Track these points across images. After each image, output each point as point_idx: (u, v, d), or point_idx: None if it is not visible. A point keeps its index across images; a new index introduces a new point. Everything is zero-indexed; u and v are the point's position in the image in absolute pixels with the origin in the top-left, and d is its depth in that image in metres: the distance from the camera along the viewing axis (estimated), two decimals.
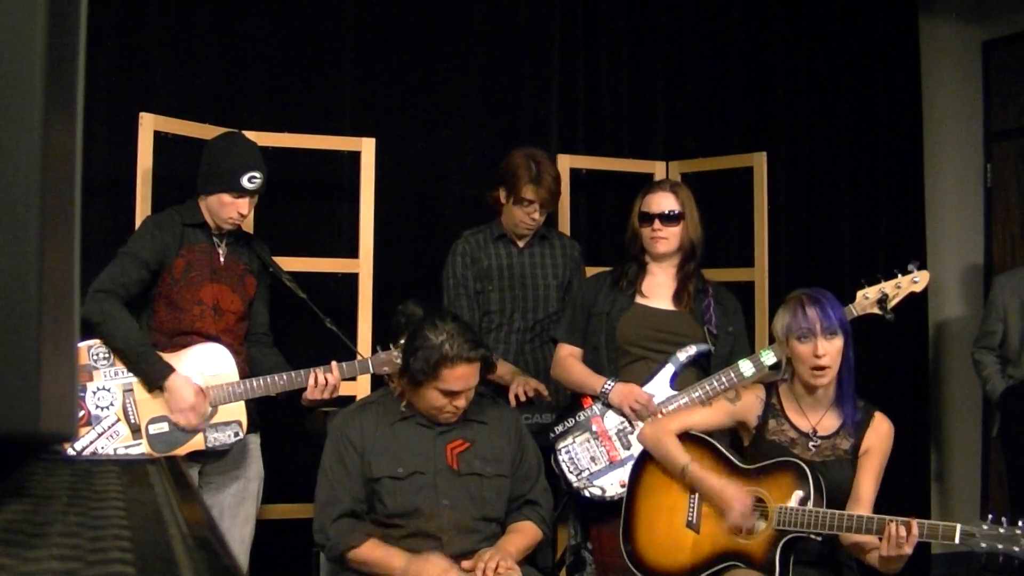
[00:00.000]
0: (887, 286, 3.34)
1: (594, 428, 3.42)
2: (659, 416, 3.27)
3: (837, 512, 2.75)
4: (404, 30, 4.38)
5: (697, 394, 3.30)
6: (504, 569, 2.73)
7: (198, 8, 4.03)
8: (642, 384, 3.38)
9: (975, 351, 4.82)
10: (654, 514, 3.05)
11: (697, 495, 2.98)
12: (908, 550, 2.62)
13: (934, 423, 5.43)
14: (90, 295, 3.14)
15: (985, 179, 5.61)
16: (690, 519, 2.98)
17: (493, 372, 3.01)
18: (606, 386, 3.39)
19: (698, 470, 2.95)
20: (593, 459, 3.39)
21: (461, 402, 2.89)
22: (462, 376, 2.85)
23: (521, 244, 3.87)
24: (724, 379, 3.30)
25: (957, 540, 2.61)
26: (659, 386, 3.38)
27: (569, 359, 3.52)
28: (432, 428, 2.95)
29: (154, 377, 3.18)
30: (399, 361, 3.02)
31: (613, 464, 3.37)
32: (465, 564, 2.77)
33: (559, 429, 3.44)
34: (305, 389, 3.29)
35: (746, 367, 3.30)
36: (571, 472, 3.40)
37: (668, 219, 3.45)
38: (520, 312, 3.83)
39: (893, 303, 3.34)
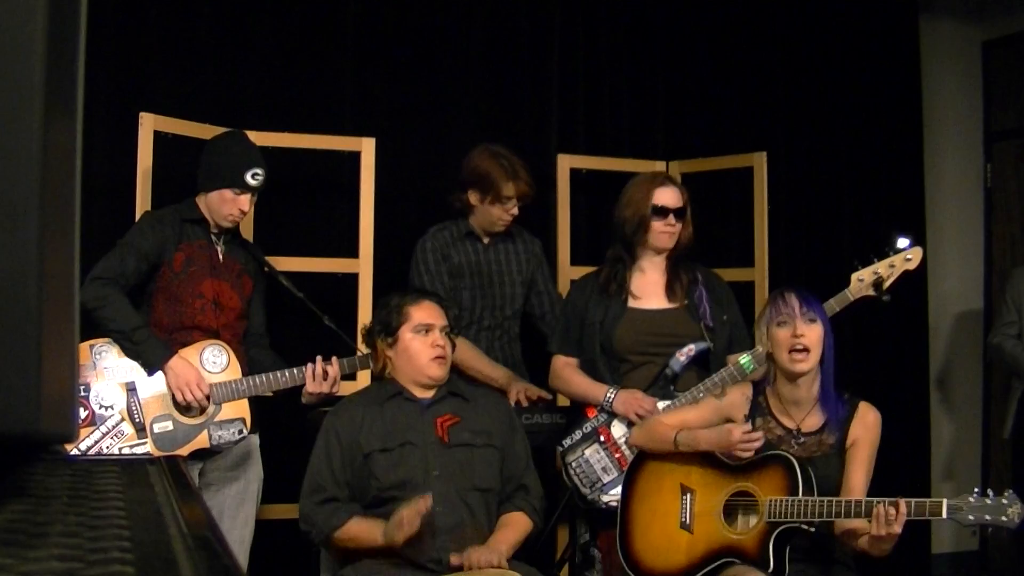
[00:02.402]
0: (880, 267, 3.30)
1: (602, 438, 3.40)
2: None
3: (826, 499, 2.77)
4: (404, 30, 4.38)
5: (700, 394, 3.29)
6: (487, 566, 2.74)
7: (198, 8, 4.03)
8: (644, 389, 3.36)
9: (994, 337, 4.63)
10: (648, 519, 3.05)
11: (689, 496, 2.99)
12: (897, 529, 2.64)
13: (935, 423, 5.43)
14: (87, 282, 3.14)
15: (985, 179, 5.60)
16: (683, 520, 2.98)
17: (459, 333, 3.16)
18: (608, 395, 3.37)
19: (689, 432, 2.97)
20: (604, 469, 3.37)
21: (440, 339, 2.98)
22: (428, 309, 3.03)
23: (487, 241, 3.86)
24: (726, 375, 3.29)
25: (944, 515, 2.64)
26: (660, 391, 3.37)
27: (567, 369, 3.49)
28: (419, 403, 2.99)
29: (154, 359, 3.18)
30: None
31: (625, 473, 3.35)
32: (453, 560, 2.79)
33: (567, 443, 3.41)
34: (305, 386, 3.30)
35: (747, 361, 3.28)
36: (584, 485, 3.38)
37: (679, 214, 3.43)
38: (488, 310, 3.82)
39: (888, 283, 3.29)
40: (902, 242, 3.31)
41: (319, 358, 3.28)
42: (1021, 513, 2.61)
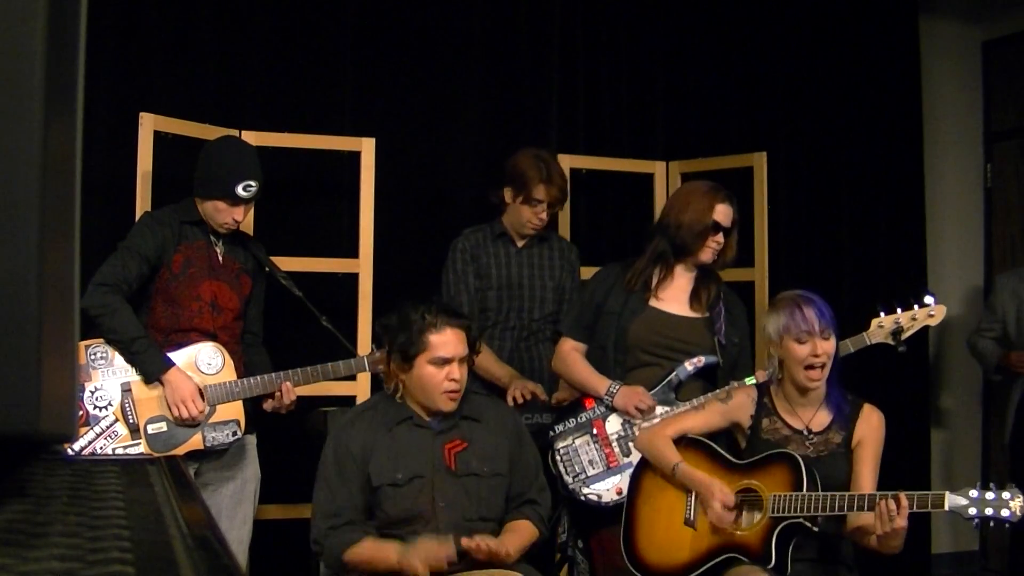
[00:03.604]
0: (903, 317, 3.33)
1: (595, 431, 3.39)
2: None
3: (829, 493, 2.77)
4: (404, 30, 4.38)
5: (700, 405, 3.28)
6: (501, 550, 2.73)
7: (198, 8, 4.03)
8: (647, 390, 3.36)
9: (971, 338, 4.87)
10: (653, 516, 3.06)
11: (694, 492, 2.99)
12: (902, 523, 2.65)
13: (935, 424, 5.43)
14: (91, 288, 3.14)
15: (985, 179, 5.60)
16: (688, 516, 2.99)
17: (478, 351, 3.04)
18: (612, 389, 3.37)
19: (687, 467, 2.98)
20: (591, 462, 3.37)
21: (456, 372, 2.88)
22: (450, 340, 2.88)
23: (520, 244, 3.88)
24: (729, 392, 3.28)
25: (947, 507, 2.65)
26: (663, 395, 3.37)
27: (573, 354, 3.49)
28: (429, 429, 2.94)
29: (154, 370, 3.18)
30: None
31: (611, 469, 3.34)
32: (464, 542, 2.74)
33: (559, 428, 3.42)
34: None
35: (751, 383, 3.29)
36: (567, 473, 3.37)
37: (727, 233, 3.43)
38: (516, 312, 3.83)
39: (907, 335, 3.34)
40: (928, 299, 3.36)
41: (288, 384, 3.30)
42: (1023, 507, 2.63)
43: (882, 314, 3.35)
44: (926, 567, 5.15)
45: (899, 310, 3.34)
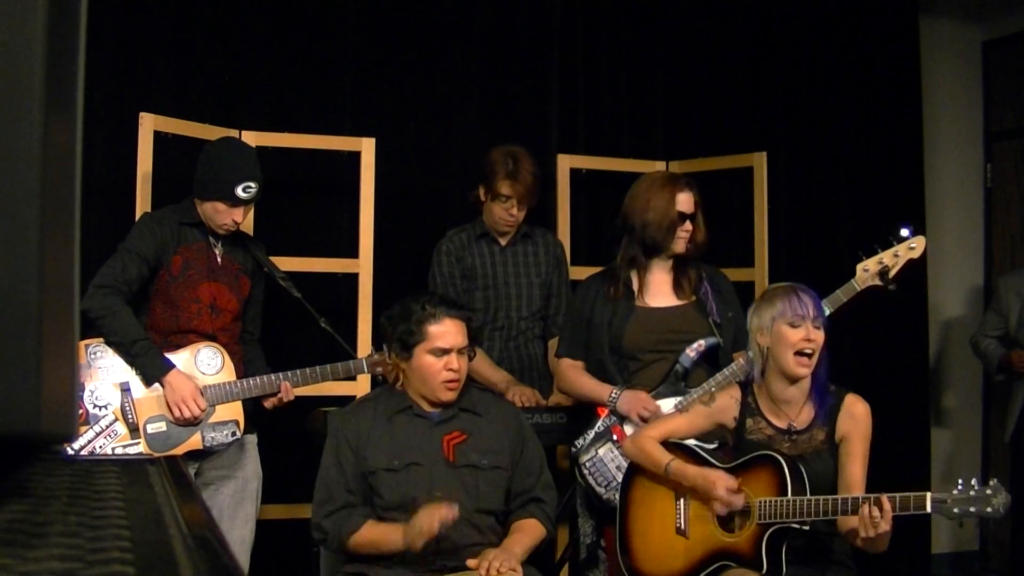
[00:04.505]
0: (885, 256, 3.31)
1: (615, 437, 3.38)
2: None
3: (815, 498, 2.76)
4: (404, 30, 4.38)
5: (712, 389, 3.25)
6: (507, 570, 2.73)
7: (198, 8, 4.03)
8: (655, 387, 3.34)
9: (974, 337, 4.87)
10: (645, 525, 3.06)
11: (683, 501, 2.98)
12: (885, 527, 2.63)
13: (935, 423, 5.43)
14: (91, 290, 3.15)
15: (985, 179, 5.60)
16: (679, 526, 2.98)
17: (480, 343, 3.04)
18: (612, 395, 3.35)
19: (680, 464, 2.96)
20: (619, 468, 3.33)
21: (455, 363, 2.89)
22: (449, 331, 2.90)
23: (504, 242, 3.86)
24: (736, 370, 3.26)
25: (928, 508, 2.62)
26: (671, 387, 3.35)
27: (572, 371, 3.48)
28: (428, 419, 2.95)
29: (153, 373, 3.18)
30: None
31: None
32: (470, 562, 2.77)
33: (580, 443, 3.40)
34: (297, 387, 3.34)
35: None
36: (599, 485, 3.36)
37: (693, 219, 3.42)
38: (504, 311, 3.83)
39: (894, 272, 3.31)
40: (905, 231, 3.33)
41: (287, 384, 3.31)
42: (1006, 503, 2.59)
43: (864, 258, 3.33)
44: (926, 567, 5.14)
45: (879, 250, 3.32)
